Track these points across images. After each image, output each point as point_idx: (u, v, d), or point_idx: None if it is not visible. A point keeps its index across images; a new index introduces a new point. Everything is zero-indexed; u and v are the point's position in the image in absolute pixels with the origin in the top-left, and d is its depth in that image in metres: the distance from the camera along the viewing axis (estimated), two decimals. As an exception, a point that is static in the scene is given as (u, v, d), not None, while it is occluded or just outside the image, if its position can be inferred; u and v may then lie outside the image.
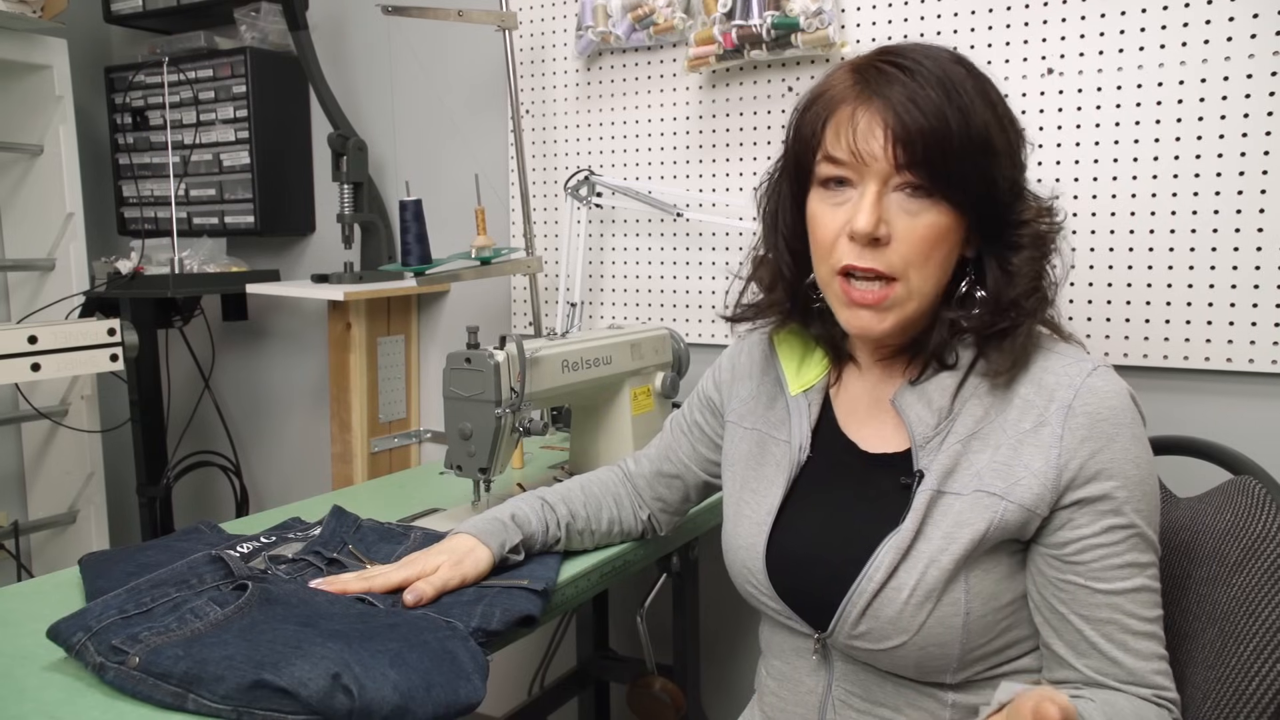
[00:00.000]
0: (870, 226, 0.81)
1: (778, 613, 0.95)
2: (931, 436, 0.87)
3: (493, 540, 1.00)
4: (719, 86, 1.70)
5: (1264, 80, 1.27)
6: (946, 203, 0.82)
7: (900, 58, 0.83)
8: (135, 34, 2.46)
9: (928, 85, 0.80)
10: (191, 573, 0.93)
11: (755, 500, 0.97)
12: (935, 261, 0.84)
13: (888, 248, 0.82)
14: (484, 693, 0.81)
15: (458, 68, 2.04)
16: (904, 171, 0.81)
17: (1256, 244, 1.29)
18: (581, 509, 1.12)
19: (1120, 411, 0.83)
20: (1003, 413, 0.86)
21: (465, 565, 0.97)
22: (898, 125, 0.80)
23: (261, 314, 2.39)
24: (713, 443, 1.11)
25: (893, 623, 0.84)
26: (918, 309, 0.86)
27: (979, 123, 0.81)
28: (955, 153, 0.80)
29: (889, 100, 0.81)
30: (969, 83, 0.83)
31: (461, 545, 0.99)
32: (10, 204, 2.25)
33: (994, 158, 0.82)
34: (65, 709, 0.78)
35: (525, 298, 1.96)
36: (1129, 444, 0.82)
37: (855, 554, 0.87)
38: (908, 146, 0.80)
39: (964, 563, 0.83)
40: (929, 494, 0.85)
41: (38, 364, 1.69)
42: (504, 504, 1.09)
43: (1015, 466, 0.83)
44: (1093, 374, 0.84)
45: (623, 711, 1.90)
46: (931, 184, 0.81)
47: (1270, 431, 1.32)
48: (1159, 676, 0.82)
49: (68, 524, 2.26)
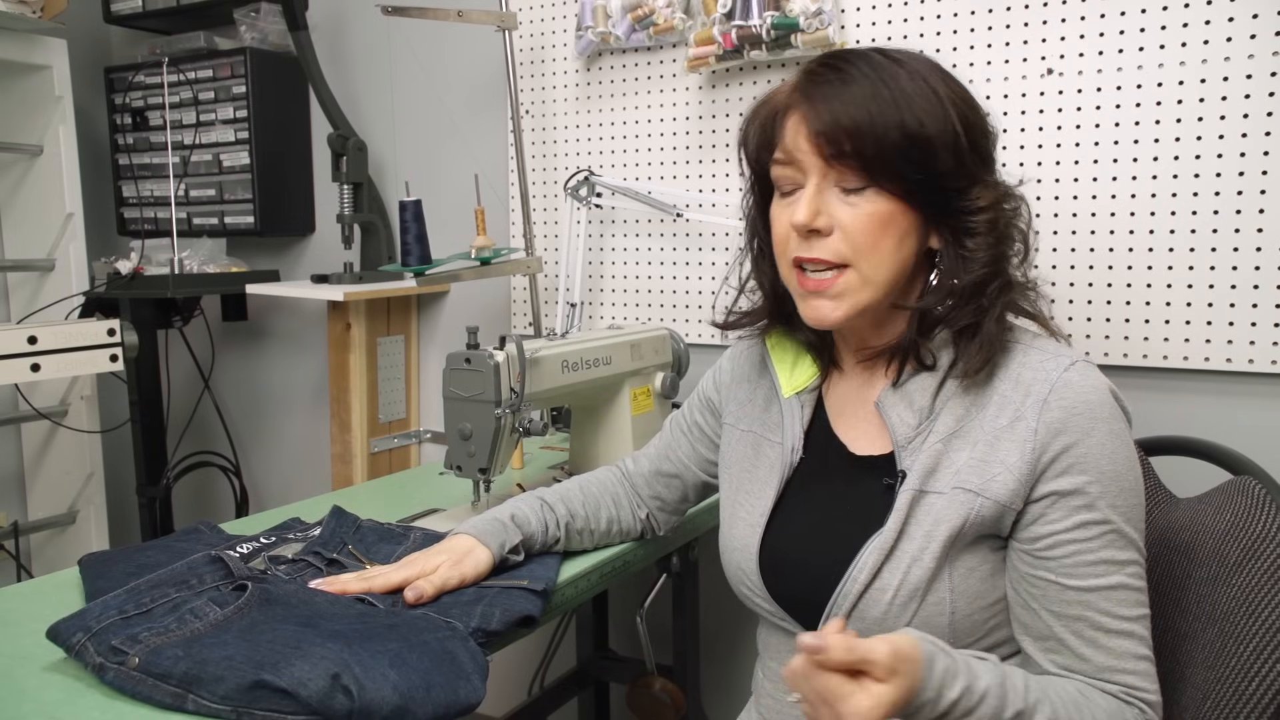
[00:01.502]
0: (807, 218, 0.85)
1: (771, 614, 0.96)
2: (913, 437, 0.88)
3: (492, 541, 1.01)
4: (719, 87, 1.70)
5: (1264, 80, 1.27)
6: (885, 192, 0.84)
7: (836, 60, 0.87)
8: (135, 34, 2.46)
9: (854, 83, 0.84)
10: (191, 573, 0.93)
11: (749, 502, 0.98)
12: (884, 249, 0.85)
13: (831, 237, 0.85)
14: (484, 693, 0.81)
15: (458, 68, 2.04)
16: (835, 166, 0.84)
17: (1256, 244, 1.29)
18: (580, 509, 1.12)
19: (1096, 406, 0.83)
20: (982, 410, 0.86)
21: (465, 565, 0.98)
22: (821, 123, 0.83)
23: (261, 314, 2.39)
24: (712, 443, 1.11)
25: (879, 623, 0.85)
26: (873, 297, 0.87)
27: (910, 114, 0.82)
28: (884, 144, 0.82)
29: (814, 101, 0.85)
30: (903, 77, 0.84)
31: (461, 545, 1.00)
32: (10, 204, 2.25)
33: (929, 146, 0.83)
34: (65, 709, 0.78)
35: (525, 298, 1.96)
36: (1105, 439, 0.82)
37: (841, 555, 0.88)
38: (833, 142, 0.83)
39: (945, 560, 0.83)
40: (911, 494, 0.86)
41: (37, 364, 1.69)
42: (503, 505, 1.09)
43: (992, 462, 0.83)
44: (1070, 369, 0.84)
45: (623, 711, 1.90)
46: (865, 175, 0.84)
47: (1270, 431, 1.32)
48: (1132, 676, 0.81)
49: (67, 524, 2.25)
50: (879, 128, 0.82)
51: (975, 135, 0.86)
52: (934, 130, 0.83)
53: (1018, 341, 0.88)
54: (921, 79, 0.84)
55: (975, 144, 0.86)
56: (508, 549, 1.02)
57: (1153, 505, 1.06)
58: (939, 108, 0.83)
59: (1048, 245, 1.43)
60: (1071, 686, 0.80)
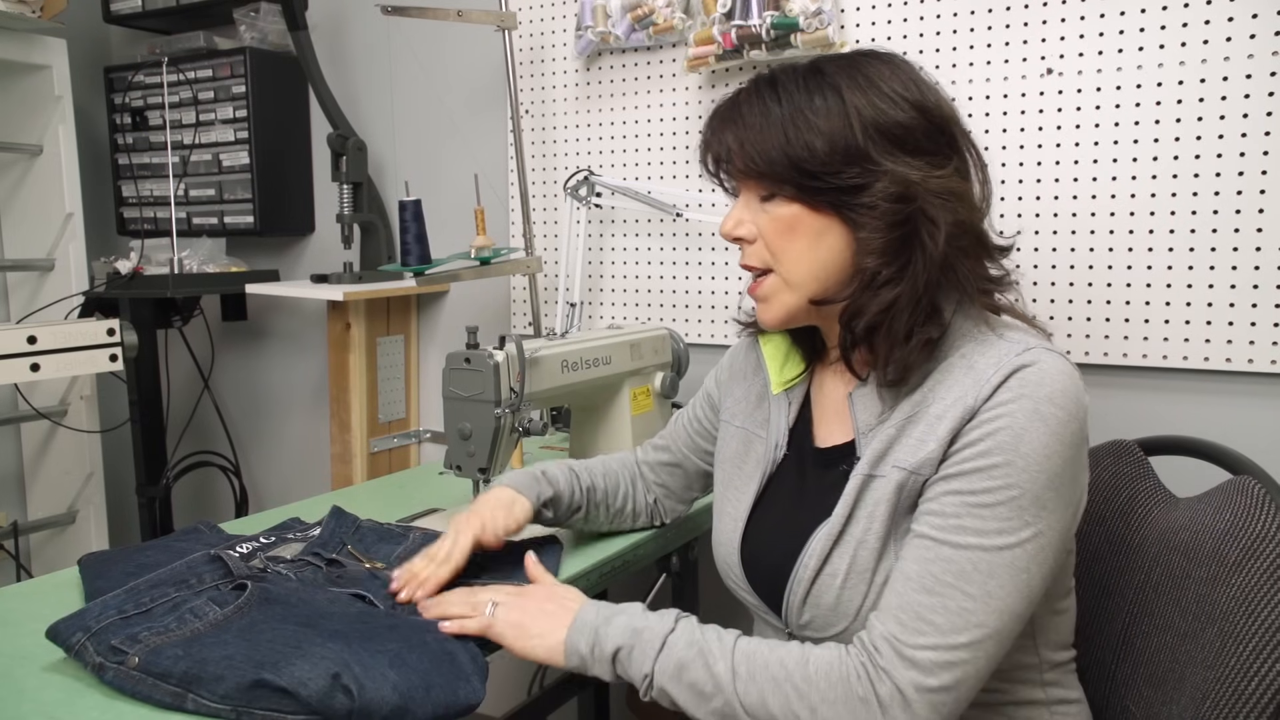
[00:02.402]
0: (726, 229, 0.93)
1: (756, 608, 0.98)
2: (874, 425, 0.89)
3: (529, 492, 1.06)
4: (718, 87, 1.70)
5: (1264, 80, 1.27)
6: (787, 198, 0.88)
7: (744, 87, 0.92)
8: (135, 34, 2.46)
9: (746, 101, 0.90)
10: (191, 573, 0.93)
11: (735, 497, 1.00)
12: (796, 250, 0.88)
13: (756, 244, 0.92)
14: (483, 694, 0.81)
15: (457, 68, 2.04)
16: (743, 181, 0.91)
17: (1256, 244, 1.29)
18: (601, 481, 1.16)
19: (1034, 385, 0.80)
20: (939, 399, 0.85)
21: (516, 512, 1.03)
22: (720, 147, 0.91)
23: (261, 314, 2.39)
24: (710, 436, 1.14)
25: (833, 609, 0.86)
26: (798, 300, 0.90)
27: (794, 131, 0.85)
28: (769, 159, 0.86)
29: (712, 126, 0.92)
30: (800, 96, 0.86)
31: (504, 496, 1.05)
32: (10, 204, 2.25)
33: (813, 156, 0.84)
34: (64, 709, 0.78)
35: (525, 298, 1.96)
36: (1027, 416, 0.79)
37: (795, 546, 0.89)
38: (725, 162, 0.92)
39: (888, 539, 0.84)
40: (860, 478, 0.87)
41: (37, 364, 1.68)
42: (532, 466, 1.12)
43: (928, 440, 0.83)
44: (1024, 353, 0.82)
45: (622, 712, 1.90)
46: (767, 186, 0.89)
47: (1270, 431, 1.32)
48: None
49: (67, 524, 2.25)
50: (761, 146, 0.87)
51: (888, 128, 0.84)
52: (820, 144, 0.84)
53: (986, 331, 0.87)
54: (831, 90, 0.85)
55: (890, 137, 0.84)
56: (542, 500, 1.07)
57: (1153, 505, 1.07)
58: (836, 121, 0.84)
59: (1047, 245, 1.43)
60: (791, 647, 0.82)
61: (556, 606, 0.90)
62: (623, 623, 0.86)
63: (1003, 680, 0.88)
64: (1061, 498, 0.80)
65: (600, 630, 0.86)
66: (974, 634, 0.77)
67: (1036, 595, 0.80)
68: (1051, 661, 0.91)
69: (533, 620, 0.89)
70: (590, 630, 0.86)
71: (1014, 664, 0.88)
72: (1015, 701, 0.90)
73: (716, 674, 0.81)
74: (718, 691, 0.81)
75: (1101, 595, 1.07)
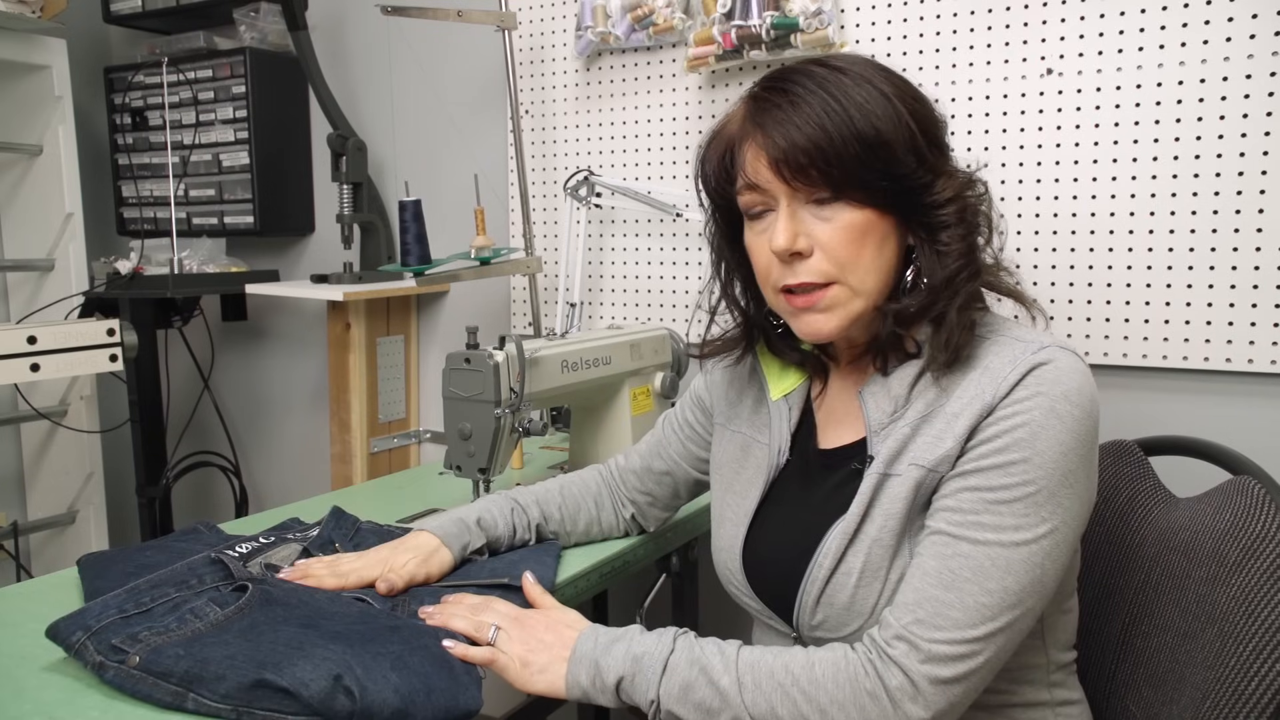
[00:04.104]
0: (787, 243, 0.85)
1: (759, 612, 0.97)
2: (887, 423, 0.88)
3: (455, 543, 1.03)
4: (718, 87, 1.70)
5: (1264, 80, 1.27)
6: (855, 203, 0.84)
7: (779, 81, 0.86)
8: (135, 34, 2.46)
9: (802, 102, 0.83)
10: (191, 574, 0.93)
11: (736, 503, 0.99)
12: (866, 258, 0.85)
13: (813, 258, 0.85)
14: (482, 701, 0.82)
15: (457, 68, 2.04)
16: (800, 187, 0.84)
17: (1256, 244, 1.29)
18: (556, 511, 1.14)
19: (1050, 384, 0.80)
20: (955, 398, 0.85)
21: (431, 564, 1.00)
22: (778, 150, 0.83)
23: (261, 314, 2.39)
24: (703, 441, 1.12)
25: (847, 608, 0.85)
26: (865, 306, 0.87)
27: (864, 123, 0.82)
28: (842, 157, 0.82)
29: (767, 128, 0.85)
30: (849, 85, 0.84)
31: (426, 544, 1.02)
32: (10, 204, 2.25)
33: (889, 150, 0.83)
34: (64, 709, 0.77)
35: (525, 298, 1.96)
36: (1043, 415, 0.79)
37: (808, 545, 0.89)
38: (792, 166, 0.83)
39: (903, 537, 0.84)
40: (876, 477, 0.86)
41: (37, 364, 1.68)
42: (473, 504, 1.10)
43: (945, 438, 0.83)
44: (1040, 351, 0.82)
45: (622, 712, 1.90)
46: (831, 191, 0.84)
47: (1270, 431, 1.32)
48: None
49: (67, 524, 2.25)
50: (837, 143, 0.82)
51: (928, 128, 0.86)
52: (890, 133, 0.83)
53: (997, 332, 0.87)
54: (868, 83, 0.84)
55: (930, 137, 0.86)
56: (469, 551, 1.04)
57: (1152, 505, 1.07)
58: (890, 109, 0.83)
59: (1047, 245, 1.43)
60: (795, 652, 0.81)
61: (555, 637, 0.89)
62: (621, 651, 0.85)
63: (1010, 681, 0.88)
64: (1076, 494, 0.81)
65: (600, 662, 0.85)
66: (989, 627, 0.78)
67: (1050, 591, 0.81)
68: (1058, 662, 0.92)
69: (533, 654, 0.88)
70: (590, 663, 0.86)
71: (1022, 664, 0.88)
72: (1021, 703, 0.90)
73: (722, 689, 0.81)
74: (725, 706, 0.80)
75: (1101, 595, 1.07)
